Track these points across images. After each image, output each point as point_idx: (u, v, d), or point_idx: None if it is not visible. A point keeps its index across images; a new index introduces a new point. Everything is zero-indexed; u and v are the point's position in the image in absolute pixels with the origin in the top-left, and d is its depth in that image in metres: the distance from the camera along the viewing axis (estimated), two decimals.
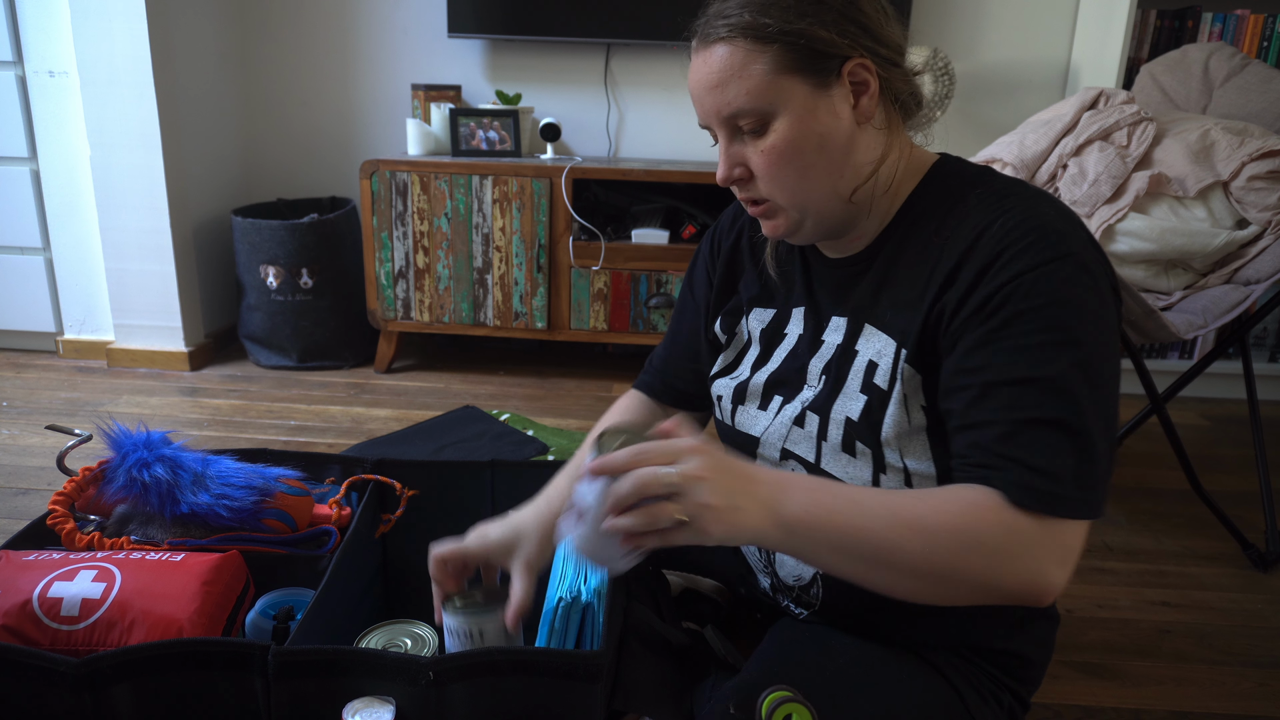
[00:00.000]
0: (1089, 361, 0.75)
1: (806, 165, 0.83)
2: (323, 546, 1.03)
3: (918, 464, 0.85)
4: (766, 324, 1.00)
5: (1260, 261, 1.63)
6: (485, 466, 1.14)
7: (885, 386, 0.86)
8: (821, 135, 0.83)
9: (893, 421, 0.85)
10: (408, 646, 0.90)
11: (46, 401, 2.24)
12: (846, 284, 0.92)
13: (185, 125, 2.46)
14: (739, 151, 0.86)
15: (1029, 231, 0.77)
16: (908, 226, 0.88)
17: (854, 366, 0.89)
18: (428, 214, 2.38)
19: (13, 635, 0.82)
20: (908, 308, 0.85)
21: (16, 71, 2.36)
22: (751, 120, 0.83)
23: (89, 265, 2.52)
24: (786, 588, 1.00)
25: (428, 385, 2.46)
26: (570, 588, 0.92)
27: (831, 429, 0.89)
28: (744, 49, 0.81)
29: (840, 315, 0.93)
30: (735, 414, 1.00)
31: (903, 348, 0.84)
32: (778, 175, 0.84)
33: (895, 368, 0.85)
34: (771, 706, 0.79)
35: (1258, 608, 1.50)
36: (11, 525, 1.61)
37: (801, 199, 0.86)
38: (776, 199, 0.86)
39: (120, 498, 0.99)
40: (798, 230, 0.88)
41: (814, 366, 0.93)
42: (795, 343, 0.96)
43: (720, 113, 0.84)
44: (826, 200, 0.86)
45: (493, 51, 2.67)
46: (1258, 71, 1.88)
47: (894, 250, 0.88)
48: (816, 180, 0.84)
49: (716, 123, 0.85)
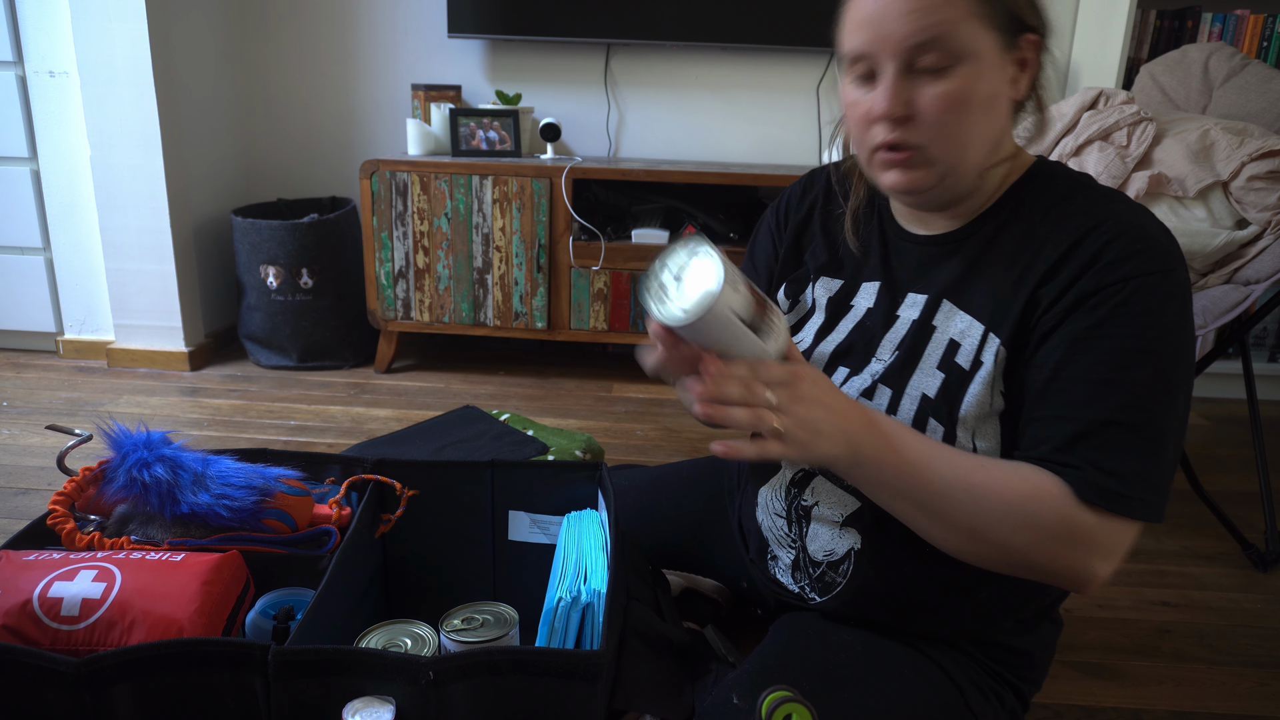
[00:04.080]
0: (1169, 373, 0.78)
1: (973, 121, 0.80)
2: (323, 546, 1.03)
3: (986, 446, 0.85)
4: (834, 293, 0.99)
5: (1260, 261, 1.63)
6: (485, 466, 1.14)
7: (967, 367, 0.85)
8: (992, 96, 0.80)
9: (975, 402, 0.84)
10: (408, 646, 0.90)
11: (46, 401, 2.24)
12: (930, 262, 0.91)
13: (185, 125, 2.46)
14: (908, 89, 0.79)
15: (1137, 239, 0.78)
16: (1008, 215, 0.87)
17: (932, 343, 0.89)
18: (428, 214, 2.38)
19: (13, 635, 0.82)
20: (1002, 293, 0.84)
21: (16, 71, 2.36)
22: (937, 58, 0.78)
23: (89, 265, 2.52)
24: (812, 563, 1.00)
25: (428, 385, 2.46)
26: (570, 587, 0.92)
27: (904, 403, 0.89)
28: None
29: (918, 293, 0.92)
30: None
31: (992, 332, 0.84)
32: (946, 123, 0.80)
33: (981, 349, 0.85)
34: (771, 706, 0.79)
35: (1257, 608, 1.50)
36: (11, 525, 1.61)
37: (956, 155, 0.82)
38: (932, 148, 0.81)
39: (120, 498, 0.99)
40: (933, 187, 0.84)
41: (886, 341, 0.93)
42: (863, 316, 0.95)
43: (907, 40, 0.77)
44: (972, 164, 0.83)
45: (493, 51, 2.67)
46: (1257, 71, 1.88)
47: (990, 235, 0.87)
48: (975, 140, 0.81)
49: (894, 51, 0.78)
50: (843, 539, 0.95)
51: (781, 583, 1.04)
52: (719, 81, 2.66)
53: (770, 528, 1.04)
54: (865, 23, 0.80)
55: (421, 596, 1.16)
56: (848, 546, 0.95)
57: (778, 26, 2.49)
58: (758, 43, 2.51)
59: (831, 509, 0.96)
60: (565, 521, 1.07)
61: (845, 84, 0.86)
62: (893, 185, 0.85)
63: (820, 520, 0.97)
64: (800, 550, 1.00)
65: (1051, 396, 0.80)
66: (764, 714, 0.79)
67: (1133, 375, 0.77)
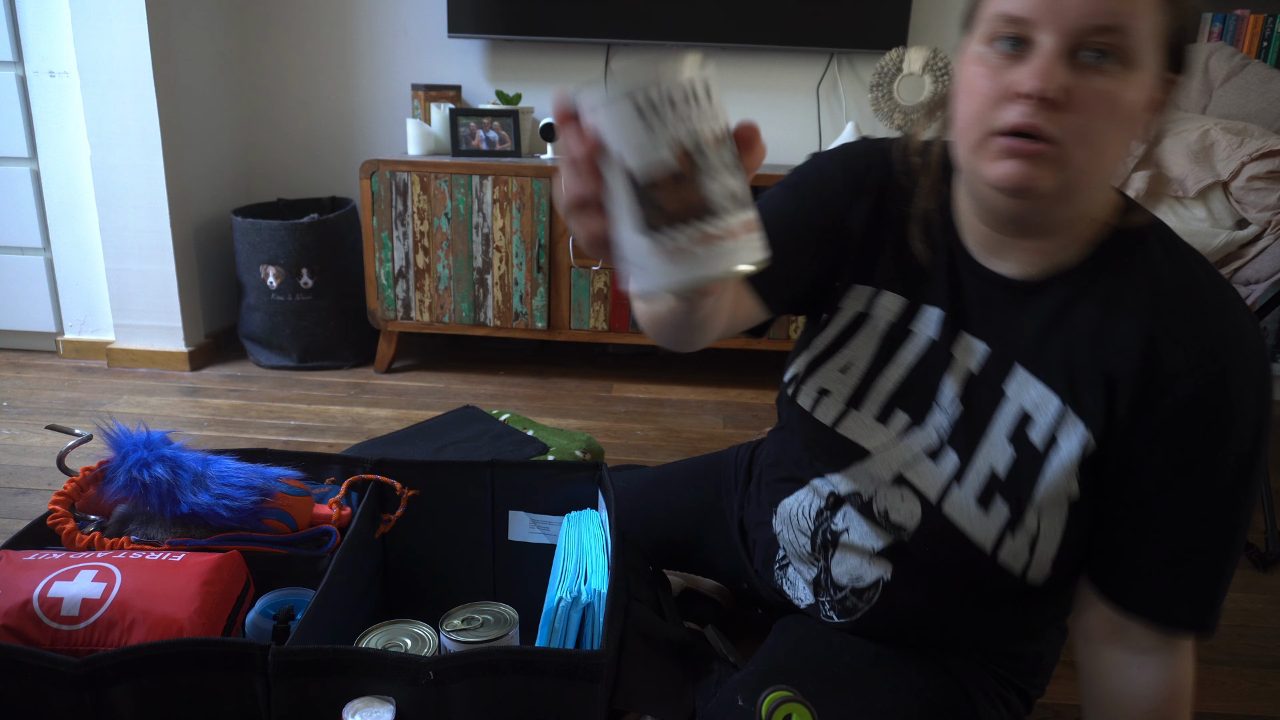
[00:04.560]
0: (1254, 493, 0.77)
1: (1117, 134, 0.70)
2: (323, 546, 1.03)
3: (1050, 529, 0.81)
4: (895, 316, 0.87)
5: (1260, 261, 1.63)
6: (485, 466, 1.14)
7: (1041, 447, 0.79)
8: (1135, 116, 0.71)
9: (1049, 489, 0.79)
10: (408, 646, 0.90)
11: (46, 401, 2.24)
12: (1000, 306, 0.82)
13: (185, 125, 2.46)
14: (1065, 74, 0.68)
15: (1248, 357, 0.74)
16: (1096, 272, 0.78)
17: (1001, 411, 0.81)
18: (428, 214, 2.38)
19: (13, 635, 0.82)
20: (1083, 371, 0.77)
21: (16, 71, 2.36)
22: (1109, 49, 0.67)
23: (89, 265, 2.52)
24: (835, 585, 0.95)
25: (428, 385, 2.46)
26: (570, 587, 0.92)
27: (971, 475, 0.82)
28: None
29: (981, 339, 0.83)
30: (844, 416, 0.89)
31: (1074, 412, 0.78)
32: (1095, 125, 0.69)
33: (1057, 428, 0.78)
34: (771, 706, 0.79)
35: (1257, 608, 1.50)
36: (12, 525, 1.61)
37: (1089, 164, 0.71)
38: (1069, 147, 0.69)
39: (120, 498, 0.99)
40: (1048, 194, 0.72)
41: (947, 386, 0.84)
42: (925, 349, 0.86)
43: (1088, 18, 0.67)
44: (1096, 181, 0.74)
45: (493, 51, 2.67)
46: (1257, 71, 1.88)
47: (1073, 295, 0.78)
48: (1109, 157, 0.72)
49: (1067, 26, 0.67)
50: (872, 568, 0.91)
51: (788, 595, 1.02)
52: (719, 82, 2.66)
53: (790, 541, 0.99)
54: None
55: (421, 596, 1.16)
56: (876, 576, 0.91)
57: (778, 26, 2.49)
58: (758, 43, 2.51)
59: (863, 539, 0.91)
60: (565, 521, 1.07)
61: (972, 47, 0.74)
62: (1004, 178, 0.71)
63: (848, 548, 0.92)
64: (824, 571, 0.96)
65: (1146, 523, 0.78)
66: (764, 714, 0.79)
67: (1228, 509, 0.77)
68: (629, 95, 0.48)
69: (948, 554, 0.84)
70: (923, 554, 0.87)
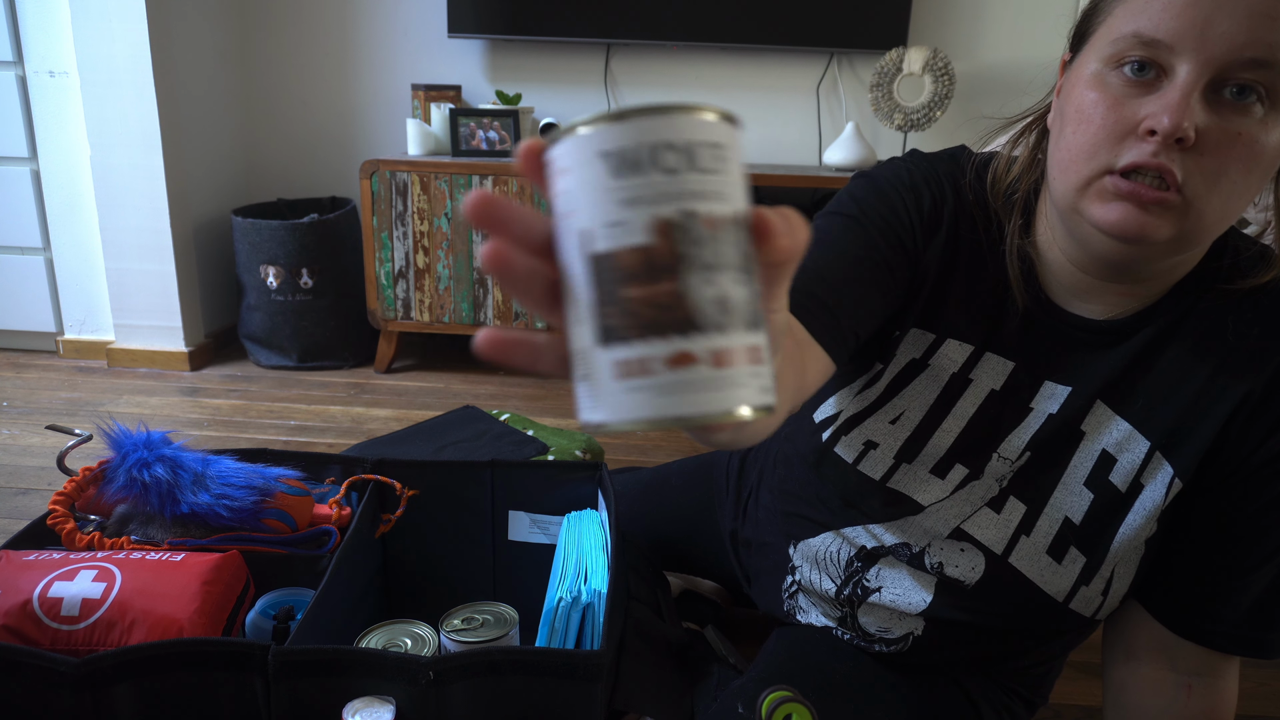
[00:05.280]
0: None
1: (1251, 184, 0.62)
2: (323, 546, 1.03)
3: (1124, 574, 0.76)
4: (957, 366, 0.78)
5: None
6: (485, 466, 1.14)
7: (1123, 489, 0.73)
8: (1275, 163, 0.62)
9: (1132, 534, 0.73)
10: (408, 646, 0.90)
11: (46, 401, 2.24)
12: (1080, 350, 0.75)
13: (185, 125, 2.46)
14: (1204, 112, 0.60)
15: None
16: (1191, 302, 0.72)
17: (1080, 453, 0.75)
18: (428, 214, 2.38)
19: (13, 635, 0.82)
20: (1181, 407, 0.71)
21: (16, 71, 2.36)
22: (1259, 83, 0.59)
23: (89, 265, 2.52)
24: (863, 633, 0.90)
25: (428, 385, 2.46)
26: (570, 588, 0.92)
27: (1042, 524, 0.75)
28: None
29: (1061, 384, 0.76)
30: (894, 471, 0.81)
31: (1163, 453, 0.71)
32: (1230, 171, 0.61)
33: (1143, 471, 0.73)
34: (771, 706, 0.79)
35: None
36: (12, 525, 1.61)
37: (1216, 215, 0.63)
38: (1198, 196, 0.61)
39: (120, 498, 0.99)
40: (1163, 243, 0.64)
41: (1014, 437, 0.77)
42: (986, 399, 0.78)
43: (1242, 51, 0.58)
44: (1217, 232, 0.65)
45: (493, 51, 2.67)
46: None
47: (1167, 328, 0.72)
48: (1238, 206, 0.63)
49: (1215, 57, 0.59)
50: (903, 623, 0.86)
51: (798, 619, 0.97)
52: (719, 81, 2.66)
53: (812, 580, 0.92)
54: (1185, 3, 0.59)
55: (421, 596, 1.16)
56: (906, 631, 0.86)
57: (778, 26, 2.49)
58: (758, 43, 2.51)
59: (897, 600, 0.84)
60: (565, 521, 1.07)
61: (1090, 66, 0.65)
62: (1116, 224, 0.63)
63: (879, 607, 0.86)
64: (850, 616, 0.90)
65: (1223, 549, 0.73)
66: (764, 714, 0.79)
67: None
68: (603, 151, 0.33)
69: (1012, 604, 0.78)
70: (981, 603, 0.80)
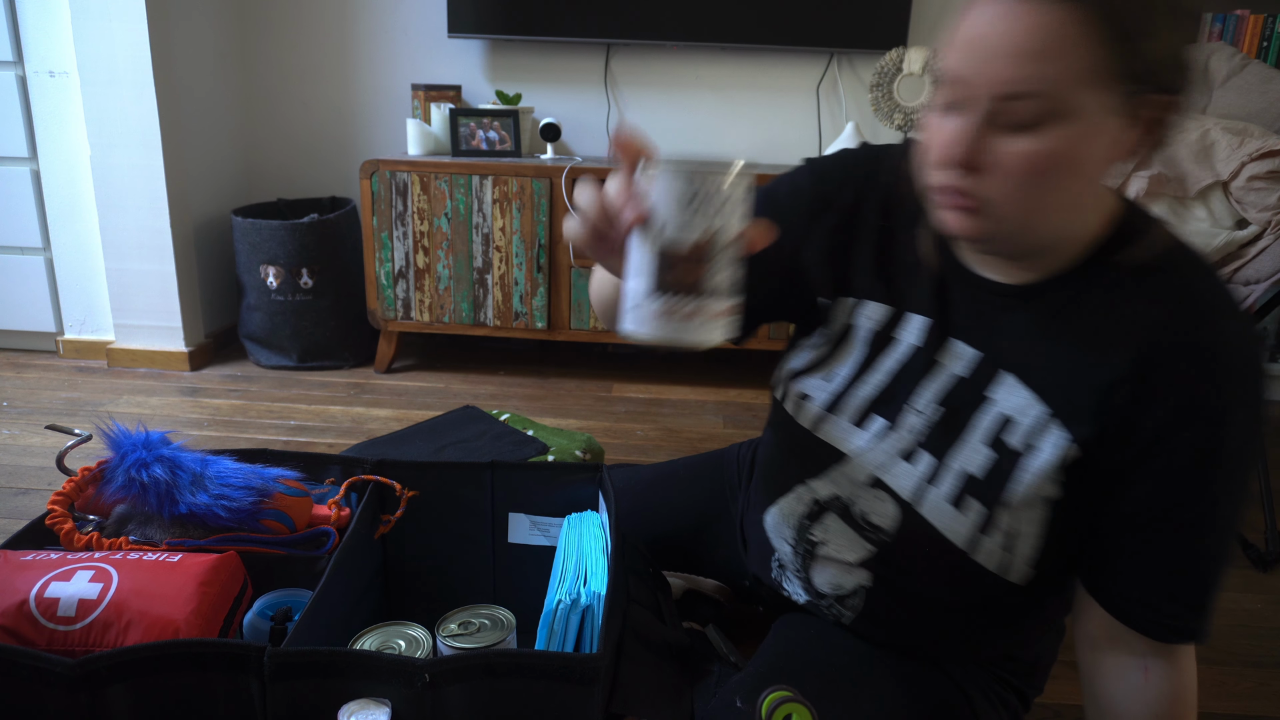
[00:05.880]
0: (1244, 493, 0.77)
1: (1055, 187, 0.70)
2: (321, 547, 1.03)
3: (1027, 530, 0.81)
4: (879, 325, 0.88)
5: (1260, 261, 1.62)
6: (485, 467, 1.14)
7: (1019, 448, 0.79)
8: (1086, 161, 0.69)
9: (1025, 491, 0.78)
10: (402, 648, 0.90)
11: (46, 401, 2.24)
12: (992, 313, 0.82)
13: (185, 125, 2.46)
14: (984, 138, 0.69)
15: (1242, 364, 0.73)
16: (1091, 278, 0.77)
17: (981, 414, 0.81)
18: (428, 214, 2.38)
19: (9, 635, 0.82)
20: (1074, 379, 0.76)
21: (16, 71, 2.36)
22: (1032, 111, 0.67)
23: (89, 265, 2.52)
24: (818, 594, 0.96)
25: (428, 385, 2.46)
26: (570, 590, 0.92)
27: (945, 476, 0.82)
28: (1079, 28, 0.65)
29: (970, 345, 0.83)
30: (822, 421, 0.90)
31: (1059, 420, 0.77)
32: (1021, 185, 0.70)
33: (1039, 434, 0.78)
34: (771, 706, 0.79)
35: (1258, 608, 1.50)
36: (11, 525, 1.61)
37: (1026, 218, 0.72)
38: (1000, 206, 0.71)
39: (119, 498, 0.99)
40: (986, 241, 0.75)
41: (925, 390, 0.84)
42: (909, 356, 0.86)
43: (1005, 86, 0.67)
44: (1046, 228, 0.74)
45: (493, 51, 2.67)
46: (1257, 71, 1.88)
47: (1067, 301, 0.78)
48: (1054, 207, 0.72)
49: (984, 93, 0.68)
50: (851, 576, 0.91)
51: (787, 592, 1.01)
52: (719, 81, 2.66)
53: (778, 547, 0.99)
54: (967, 46, 0.69)
55: (421, 598, 1.16)
56: (856, 584, 0.91)
57: (778, 26, 2.49)
58: (758, 43, 2.51)
59: (840, 551, 0.91)
60: (565, 523, 1.07)
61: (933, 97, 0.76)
62: (946, 226, 0.75)
63: (829, 560, 0.92)
64: (806, 582, 0.96)
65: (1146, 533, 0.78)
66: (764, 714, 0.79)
67: (1224, 510, 0.76)
68: (689, 176, 0.58)
69: (927, 555, 0.85)
70: (904, 557, 0.87)
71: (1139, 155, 0.72)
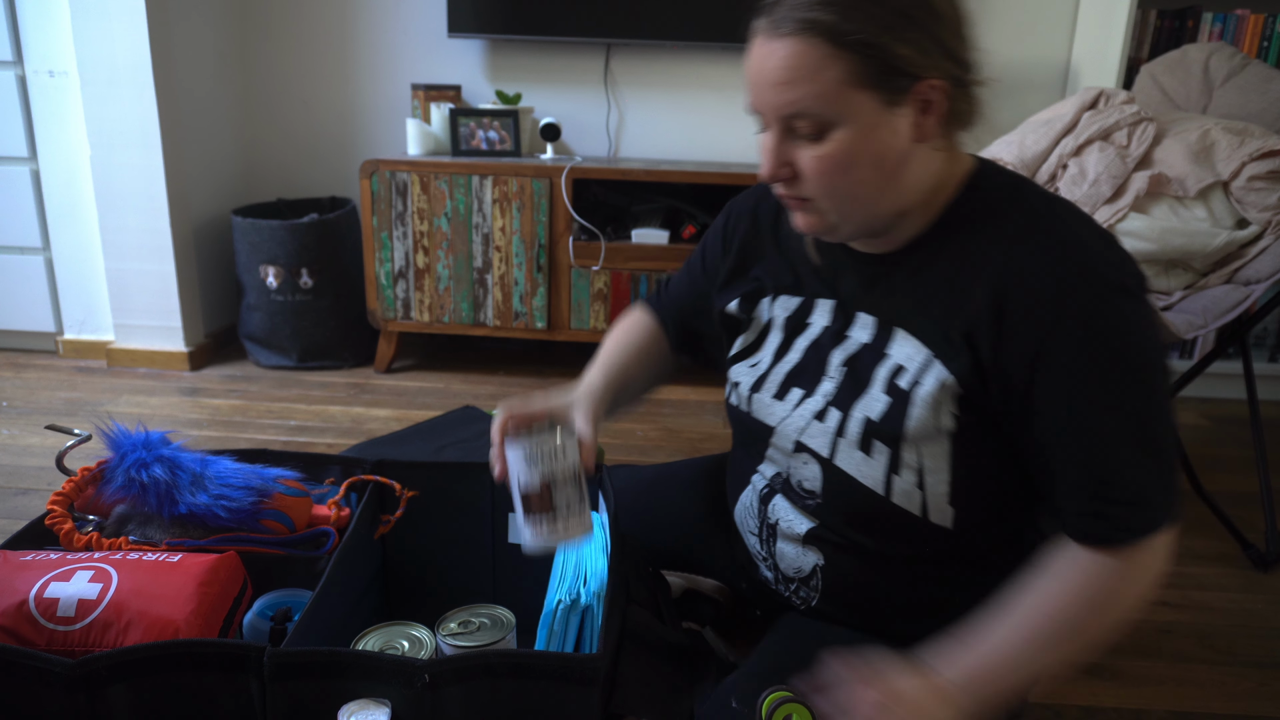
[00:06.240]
0: (1153, 381, 0.80)
1: (859, 180, 0.81)
2: (321, 547, 1.03)
3: (934, 465, 0.86)
4: (791, 312, 0.99)
5: (1260, 261, 1.62)
6: (485, 467, 1.13)
7: (907, 388, 0.86)
8: (878, 153, 0.80)
9: (918, 424, 0.85)
10: (404, 649, 0.90)
11: (46, 401, 2.24)
12: (876, 280, 0.91)
13: (185, 125, 2.46)
14: (788, 150, 0.82)
15: (1076, 269, 0.79)
16: (947, 234, 0.87)
17: (881, 368, 0.89)
18: (428, 214, 2.38)
19: (9, 635, 0.82)
20: (946, 321, 0.84)
21: (16, 71, 2.36)
22: (811, 125, 0.80)
23: (89, 265, 2.52)
24: (786, 579, 1.01)
25: (428, 385, 2.46)
26: (570, 590, 0.92)
27: (851, 425, 0.89)
28: (820, 51, 0.77)
29: (868, 313, 0.92)
30: (752, 401, 1.00)
31: (939, 359, 0.84)
32: (828, 184, 0.82)
33: (923, 372, 0.85)
34: (772, 706, 0.79)
35: (1258, 608, 1.50)
36: (11, 525, 1.61)
37: (846, 208, 0.84)
38: (821, 202, 0.84)
39: (119, 498, 0.99)
40: (834, 231, 0.88)
41: (835, 359, 0.93)
42: (819, 335, 0.96)
43: (780, 110, 0.80)
44: (871, 213, 0.85)
45: (493, 51, 2.67)
46: (1258, 71, 1.88)
47: (930, 255, 0.87)
48: (865, 194, 0.83)
49: (771, 118, 0.82)
50: (806, 556, 0.97)
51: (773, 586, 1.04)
52: (719, 81, 2.66)
53: (750, 543, 1.06)
54: (749, 83, 0.83)
55: (421, 598, 1.16)
56: (812, 563, 0.97)
57: None
58: None
59: (789, 525, 0.97)
60: None
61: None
62: (800, 228, 0.89)
63: (784, 537, 0.99)
64: (774, 568, 1.02)
65: (1059, 449, 0.81)
66: (764, 714, 0.79)
67: (1126, 405, 0.79)
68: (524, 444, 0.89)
69: (852, 507, 0.91)
70: (835, 515, 0.93)
71: (938, 133, 0.82)
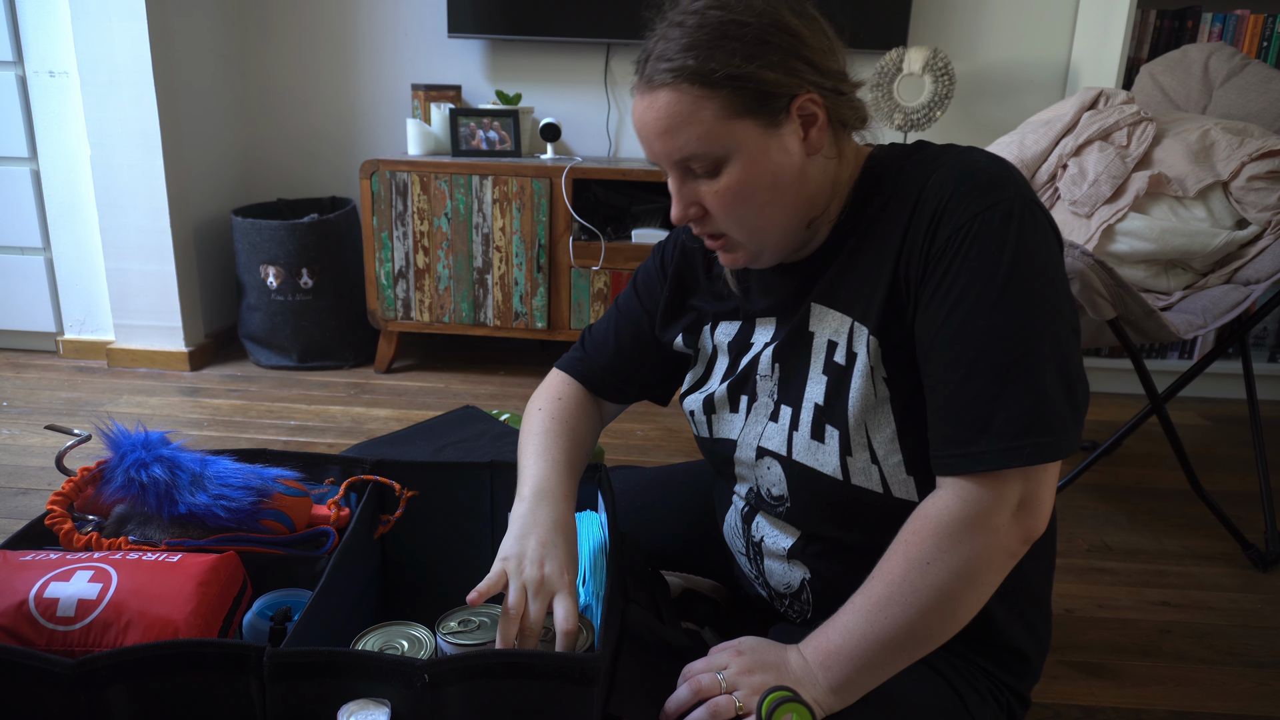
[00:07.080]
0: (1031, 300, 0.77)
1: (762, 203, 0.84)
2: (320, 547, 1.03)
3: (883, 439, 0.86)
4: (734, 337, 1.01)
5: (1260, 261, 1.62)
6: (485, 467, 1.14)
7: (844, 362, 0.87)
8: (774, 173, 0.83)
9: (858, 397, 0.85)
10: (404, 648, 0.90)
11: (46, 401, 2.24)
12: (805, 285, 0.93)
13: (185, 125, 2.46)
14: (692, 191, 0.85)
15: (962, 181, 0.79)
16: (857, 213, 0.89)
17: (812, 349, 0.90)
18: (428, 214, 2.38)
19: (8, 635, 0.82)
20: (867, 284, 0.85)
21: (16, 71, 2.36)
22: (703, 164, 0.83)
23: (89, 265, 2.52)
24: (778, 595, 1.01)
25: (428, 385, 2.46)
26: None
27: (804, 415, 0.90)
28: (691, 95, 0.81)
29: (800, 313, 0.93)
30: (712, 424, 1.01)
31: (858, 321, 0.86)
32: (734, 214, 0.85)
33: (851, 342, 0.86)
34: (771, 706, 0.79)
35: (1258, 608, 1.50)
36: (11, 525, 1.61)
37: (759, 234, 0.86)
38: (734, 235, 0.87)
39: (118, 498, 0.99)
40: (758, 259, 0.90)
41: (764, 357, 0.94)
42: (760, 349, 0.97)
43: (671, 157, 0.84)
44: (783, 231, 0.87)
45: (493, 51, 2.67)
46: (1257, 71, 1.88)
47: (847, 236, 0.89)
48: (773, 215, 0.85)
49: (667, 165, 0.85)
50: (793, 571, 0.97)
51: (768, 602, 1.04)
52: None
53: (740, 562, 1.06)
54: (639, 138, 0.86)
55: (420, 598, 1.16)
56: (800, 577, 0.97)
57: None
58: None
59: (773, 542, 0.97)
60: None
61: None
62: (726, 265, 0.92)
63: (770, 555, 0.99)
64: (765, 585, 1.02)
65: (927, 368, 0.81)
66: (764, 714, 0.79)
67: (993, 319, 0.77)
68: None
69: (818, 501, 0.91)
70: (805, 515, 0.93)
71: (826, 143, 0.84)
